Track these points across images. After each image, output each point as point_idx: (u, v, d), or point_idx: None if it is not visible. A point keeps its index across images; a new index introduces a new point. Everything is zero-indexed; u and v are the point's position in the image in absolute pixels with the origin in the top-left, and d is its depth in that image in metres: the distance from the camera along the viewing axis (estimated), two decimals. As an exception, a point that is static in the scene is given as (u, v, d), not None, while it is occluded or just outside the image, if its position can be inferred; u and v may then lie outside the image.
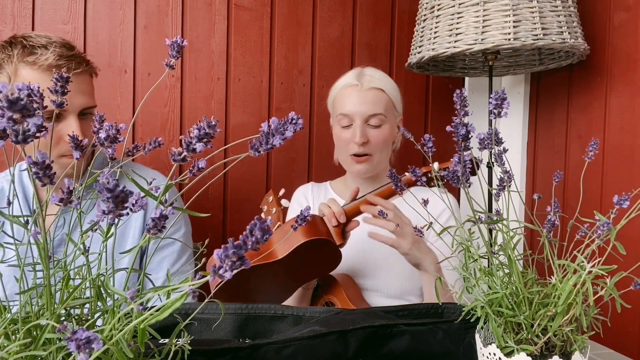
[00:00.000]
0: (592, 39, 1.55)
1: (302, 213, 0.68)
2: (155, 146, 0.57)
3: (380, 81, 1.29)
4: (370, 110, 1.26)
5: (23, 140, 0.33)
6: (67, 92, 0.48)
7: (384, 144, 1.29)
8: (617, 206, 0.58)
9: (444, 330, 0.77)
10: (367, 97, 1.27)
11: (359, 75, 1.30)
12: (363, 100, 1.26)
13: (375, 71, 1.32)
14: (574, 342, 0.57)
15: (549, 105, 1.79)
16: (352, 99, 1.28)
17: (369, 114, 1.26)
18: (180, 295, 0.36)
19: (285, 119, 0.40)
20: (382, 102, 1.27)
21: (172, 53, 0.53)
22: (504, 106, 0.57)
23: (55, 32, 1.62)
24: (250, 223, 0.31)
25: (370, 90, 1.27)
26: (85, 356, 0.30)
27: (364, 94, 1.27)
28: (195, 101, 1.74)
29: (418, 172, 0.74)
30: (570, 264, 0.56)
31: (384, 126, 1.28)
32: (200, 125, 0.40)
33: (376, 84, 1.28)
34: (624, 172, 1.47)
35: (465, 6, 1.43)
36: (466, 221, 0.66)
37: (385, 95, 1.28)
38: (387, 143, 1.30)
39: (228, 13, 1.76)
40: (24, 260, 0.49)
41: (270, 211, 1.53)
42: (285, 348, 0.69)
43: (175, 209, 0.48)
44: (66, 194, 0.42)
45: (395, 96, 1.32)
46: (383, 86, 1.28)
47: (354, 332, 0.74)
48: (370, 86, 1.27)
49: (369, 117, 1.26)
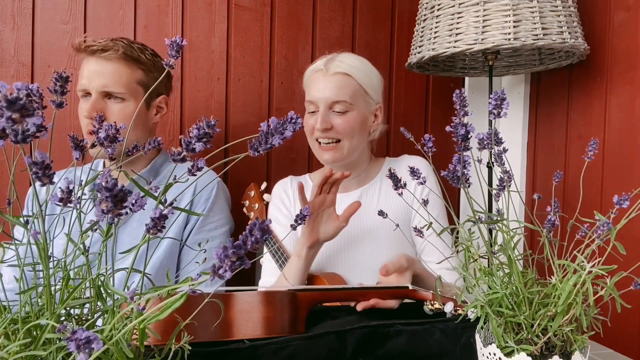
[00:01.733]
0: (592, 39, 1.55)
1: (302, 213, 0.68)
2: (155, 146, 0.57)
3: (349, 66, 1.23)
4: (333, 97, 1.21)
5: (22, 140, 0.33)
6: (66, 92, 0.48)
7: (350, 131, 1.23)
8: (617, 206, 0.58)
9: (441, 330, 0.77)
10: (332, 82, 1.22)
11: (328, 61, 1.25)
12: (326, 86, 1.22)
13: (348, 56, 1.26)
14: (574, 342, 0.57)
15: (549, 105, 1.79)
16: (318, 84, 1.23)
17: (332, 100, 1.21)
18: (180, 295, 0.36)
19: (285, 118, 0.40)
20: (348, 88, 1.22)
21: (172, 53, 0.53)
22: (504, 106, 0.57)
23: (56, 32, 1.62)
24: (250, 223, 0.31)
25: (335, 76, 1.22)
26: (85, 356, 0.30)
27: (328, 79, 1.22)
28: (195, 101, 1.74)
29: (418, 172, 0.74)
30: (570, 264, 0.56)
31: (351, 113, 1.22)
32: (200, 125, 0.40)
33: (342, 69, 1.22)
34: (624, 172, 1.47)
35: (465, 6, 1.43)
36: (466, 221, 0.66)
37: (352, 80, 1.23)
38: (355, 130, 1.24)
39: (228, 13, 1.76)
40: (73, 256, 0.49)
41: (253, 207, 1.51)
42: (283, 348, 0.69)
43: (175, 208, 0.48)
44: (66, 194, 0.42)
45: (368, 82, 1.25)
46: (350, 71, 1.23)
47: (352, 332, 0.75)
48: (335, 71, 1.22)
49: (332, 103, 1.21)
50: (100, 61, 1.19)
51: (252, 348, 0.68)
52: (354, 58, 1.27)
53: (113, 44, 1.19)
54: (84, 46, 1.18)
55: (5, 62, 1.59)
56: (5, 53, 1.59)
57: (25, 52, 1.60)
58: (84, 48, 1.19)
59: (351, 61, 1.25)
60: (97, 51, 1.18)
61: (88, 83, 1.18)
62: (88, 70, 1.19)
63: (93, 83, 1.18)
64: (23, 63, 1.60)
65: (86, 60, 1.21)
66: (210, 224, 1.30)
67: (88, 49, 1.18)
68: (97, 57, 1.19)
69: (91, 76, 1.18)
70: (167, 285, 0.41)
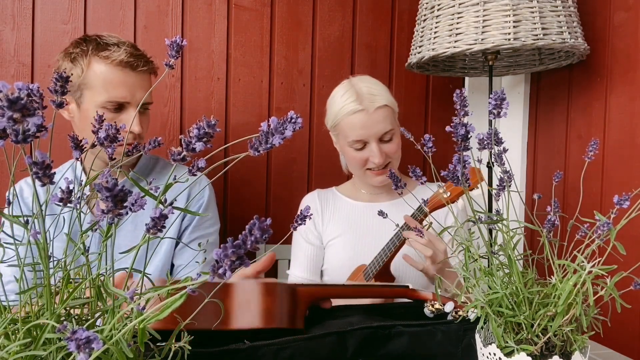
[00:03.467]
0: (592, 39, 1.55)
1: (302, 213, 0.68)
2: (155, 146, 0.57)
3: (381, 97, 1.29)
4: (382, 130, 1.28)
5: (23, 140, 0.33)
6: (66, 91, 0.48)
7: (399, 152, 1.34)
8: (617, 206, 0.58)
9: (442, 332, 0.77)
10: (376, 118, 1.27)
11: (359, 98, 1.28)
12: (373, 123, 1.28)
13: (370, 85, 1.32)
14: (574, 342, 0.57)
15: (549, 105, 1.79)
16: (362, 124, 1.28)
17: (382, 133, 1.29)
18: (180, 295, 0.36)
19: (285, 118, 0.40)
20: (389, 118, 1.30)
21: (172, 53, 0.53)
22: (504, 106, 0.57)
23: (55, 32, 1.62)
24: (250, 222, 0.31)
25: (376, 111, 1.28)
26: (85, 356, 0.30)
27: (372, 117, 1.27)
28: (195, 101, 1.74)
29: (418, 172, 0.74)
30: (570, 264, 0.56)
31: (395, 136, 1.31)
32: (200, 124, 0.40)
33: (379, 102, 1.28)
34: (624, 172, 1.47)
35: (465, 6, 1.43)
36: (466, 221, 0.66)
37: (388, 108, 1.30)
38: (400, 149, 1.34)
39: (228, 13, 1.76)
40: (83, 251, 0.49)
41: None
42: (283, 350, 0.69)
43: (175, 208, 0.48)
44: (66, 194, 0.42)
45: (393, 102, 1.33)
46: (385, 101, 1.29)
47: (352, 333, 0.74)
48: (375, 107, 1.27)
49: (382, 135, 1.29)
50: (139, 74, 1.19)
51: (252, 349, 0.68)
52: (374, 83, 1.33)
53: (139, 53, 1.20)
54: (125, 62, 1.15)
55: (5, 62, 1.59)
56: (5, 53, 1.59)
57: (25, 52, 1.60)
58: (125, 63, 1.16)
59: (377, 90, 1.31)
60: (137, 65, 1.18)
61: (130, 96, 1.17)
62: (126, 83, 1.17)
63: (136, 96, 1.18)
64: (23, 63, 1.60)
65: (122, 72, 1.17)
66: (206, 222, 1.32)
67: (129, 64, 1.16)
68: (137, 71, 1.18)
69: (133, 90, 1.17)
70: (168, 285, 0.41)
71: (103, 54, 1.15)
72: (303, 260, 1.39)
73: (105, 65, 1.15)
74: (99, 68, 1.15)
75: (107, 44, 1.17)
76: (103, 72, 1.15)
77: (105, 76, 1.15)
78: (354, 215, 1.39)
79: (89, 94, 1.16)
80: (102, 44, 1.17)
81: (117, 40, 1.19)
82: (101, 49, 1.16)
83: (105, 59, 1.15)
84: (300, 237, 1.41)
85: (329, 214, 1.41)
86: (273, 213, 1.80)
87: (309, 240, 1.40)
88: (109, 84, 1.15)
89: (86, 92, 1.16)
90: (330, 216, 1.41)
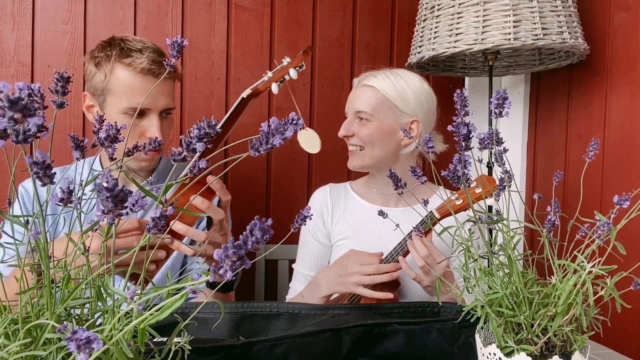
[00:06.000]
0: (592, 39, 1.55)
1: (302, 213, 0.68)
2: (155, 146, 0.57)
3: (379, 80, 1.28)
4: (357, 107, 1.29)
5: (23, 140, 0.33)
6: (67, 92, 0.48)
7: (369, 140, 1.27)
8: (617, 206, 0.58)
9: (438, 330, 0.77)
10: (357, 94, 1.31)
11: (366, 75, 1.33)
12: (352, 97, 1.33)
13: (388, 71, 1.31)
14: (574, 342, 0.57)
15: (549, 105, 1.79)
16: (350, 96, 1.34)
17: (355, 110, 1.30)
18: (180, 295, 0.36)
19: (286, 119, 0.40)
20: (370, 100, 1.27)
21: (172, 53, 0.53)
22: (506, 105, 0.57)
23: (55, 32, 1.62)
24: (251, 223, 0.31)
25: (360, 88, 1.31)
26: (85, 356, 0.30)
27: (356, 92, 1.32)
28: (195, 101, 1.74)
29: (419, 172, 0.74)
30: (571, 264, 0.56)
31: (371, 123, 1.27)
32: (200, 125, 0.40)
33: (369, 82, 1.29)
34: (624, 172, 1.47)
35: (465, 6, 1.43)
36: (466, 221, 0.66)
37: (377, 93, 1.27)
38: (375, 140, 1.27)
39: (228, 13, 1.76)
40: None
41: None
42: (277, 346, 0.69)
43: (175, 208, 0.48)
44: (66, 194, 0.42)
45: (397, 96, 1.27)
46: (377, 84, 1.27)
47: (347, 330, 0.74)
48: (362, 83, 1.31)
49: (356, 112, 1.30)
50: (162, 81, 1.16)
51: (247, 344, 0.68)
52: (391, 73, 1.31)
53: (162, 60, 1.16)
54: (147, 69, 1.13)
55: (5, 62, 1.59)
56: (5, 53, 1.59)
57: (25, 52, 1.60)
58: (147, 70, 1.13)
59: (385, 75, 1.30)
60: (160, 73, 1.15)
61: (151, 103, 1.14)
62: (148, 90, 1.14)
63: (158, 103, 1.15)
64: (23, 63, 1.60)
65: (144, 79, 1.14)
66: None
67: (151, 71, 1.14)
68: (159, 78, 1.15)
69: (155, 97, 1.15)
70: (168, 285, 0.41)
71: (126, 61, 1.13)
72: (309, 258, 1.38)
73: (127, 72, 1.13)
74: (121, 75, 1.14)
75: (131, 50, 1.15)
76: (125, 79, 1.13)
77: (127, 83, 1.13)
78: (364, 218, 1.36)
79: (112, 100, 1.15)
80: (126, 50, 1.15)
81: (142, 45, 1.17)
82: (124, 56, 1.14)
83: (128, 66, 1.13)
84: (307, 233, 1.40)
85: (339, 212, 1.39)
86: (273, 213, 1.80)
87: (316, 237, 1.39)
88: (130, 91, 1.13)
89: (109, 97, 1.15)
90: (340, 215, 1.39)
